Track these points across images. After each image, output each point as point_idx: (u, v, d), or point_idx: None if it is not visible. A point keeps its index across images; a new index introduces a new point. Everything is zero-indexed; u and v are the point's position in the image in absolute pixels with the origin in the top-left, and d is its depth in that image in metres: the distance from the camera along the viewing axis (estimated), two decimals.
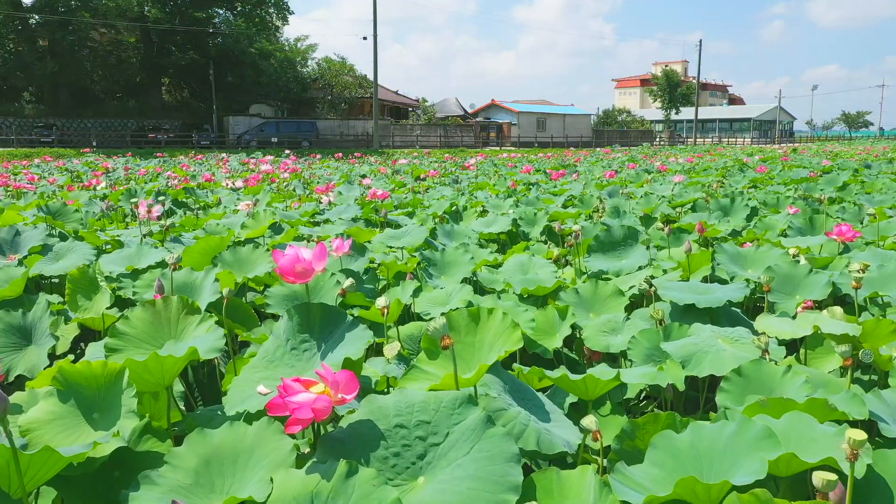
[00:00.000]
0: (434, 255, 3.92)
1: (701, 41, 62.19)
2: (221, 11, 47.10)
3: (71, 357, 2.51)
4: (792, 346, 3.09)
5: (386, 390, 2.14)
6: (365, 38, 43.57)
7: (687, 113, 74.12)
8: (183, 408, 2.38)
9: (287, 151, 27.85)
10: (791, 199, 6.34)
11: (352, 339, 1.82)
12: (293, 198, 8.01)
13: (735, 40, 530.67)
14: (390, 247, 4.57)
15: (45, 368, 2.50)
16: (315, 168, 16.54)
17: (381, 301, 2.15)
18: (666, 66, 77.43)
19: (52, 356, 3.35)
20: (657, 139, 66.73)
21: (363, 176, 12.68)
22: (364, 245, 4.42)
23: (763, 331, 2.64)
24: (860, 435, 1.23)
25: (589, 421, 1.60)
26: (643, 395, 2.99)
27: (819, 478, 1.25)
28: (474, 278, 4.07)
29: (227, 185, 9.41)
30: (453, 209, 6.48)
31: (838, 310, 2.18)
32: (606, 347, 2.90)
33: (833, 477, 1.24)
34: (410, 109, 59.57)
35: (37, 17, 39.55)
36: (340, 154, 24.12)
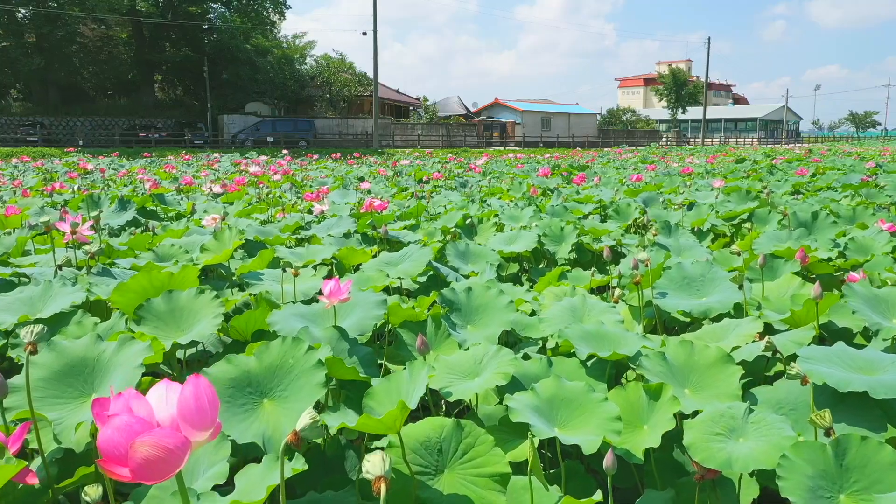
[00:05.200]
0: (457, 296, 2.83)
1: (710, 38, 61.06)
2: (216, 6, 45.86)
3: None
4: None
5: None
6: (364, 34, 42.14)
7: (692, 113, 72.90)
8: None
9: (284, 151, 26.76)
10: (874, 212, 5.22)
11: None
12: (278, 206, 6.90)
13: (735, 40, 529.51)
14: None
15: None
16: (310, 169, 15.42)
17: (373, 466, 1.05)
18: (671, 65, 76.24)
19: None
20: (664, 139, 65.60)
21: (361, 179, 11.55)
22: (374, 281, 3.33)
23: None
24: None
25: None
26: None
27: None
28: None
29: (207, 189, 8.28)
30: (466, 222, 5.37)
31: None
32: (727, 463, 1.80)
33: None
34: (411, 108, 58.36)
35: (23, 10, 38.28)
36: (338, 154, 23.04)
